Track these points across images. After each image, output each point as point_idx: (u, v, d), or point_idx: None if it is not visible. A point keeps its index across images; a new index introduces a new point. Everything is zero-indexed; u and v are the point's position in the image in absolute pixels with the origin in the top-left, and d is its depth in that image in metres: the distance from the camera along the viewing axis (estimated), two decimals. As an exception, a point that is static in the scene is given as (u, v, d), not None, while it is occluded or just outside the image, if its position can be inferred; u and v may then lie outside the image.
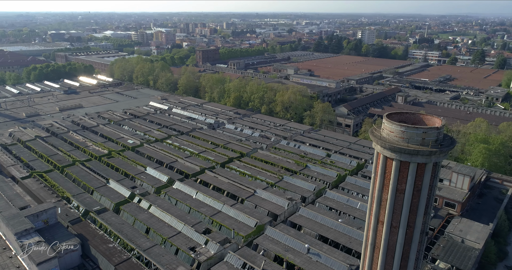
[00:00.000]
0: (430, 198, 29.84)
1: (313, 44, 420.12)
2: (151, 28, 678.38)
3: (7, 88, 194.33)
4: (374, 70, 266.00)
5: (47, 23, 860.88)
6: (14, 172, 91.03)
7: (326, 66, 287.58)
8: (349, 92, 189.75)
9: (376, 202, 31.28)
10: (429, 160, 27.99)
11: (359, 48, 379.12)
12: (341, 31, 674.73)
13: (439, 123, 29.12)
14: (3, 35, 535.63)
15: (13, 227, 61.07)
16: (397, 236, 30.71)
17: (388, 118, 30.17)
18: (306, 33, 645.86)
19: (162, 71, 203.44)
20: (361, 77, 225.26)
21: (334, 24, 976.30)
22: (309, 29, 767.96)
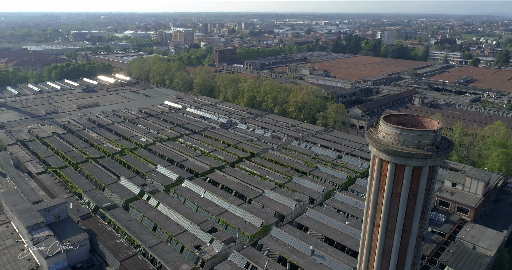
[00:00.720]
0: (427, 202, 29.14)
1: (330, 45, 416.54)
2: (171, 28, 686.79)
3: (29, 86, 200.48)
4: (392, 71, 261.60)
5: (71, 23, 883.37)
6: (30, 167, 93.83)
7: (343, 66, 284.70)
8: (365, 93, 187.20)
9: (372, 205, 30.75)
10: (425, 164, 27.31)
11: (378, 49, 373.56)
12: (360, 32, 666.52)
13: (437, 126, 28.39)
14: (29, 35, 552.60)
15: (25, 221, 62.99)
16: (392, 240, 30.10)
17: (386, 120, 29.64)
18: (325, 34, 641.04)
19: (178, 70, 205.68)
20: (378, 78, 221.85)
21: (353, 25, 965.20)
22: (328, 29, 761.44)
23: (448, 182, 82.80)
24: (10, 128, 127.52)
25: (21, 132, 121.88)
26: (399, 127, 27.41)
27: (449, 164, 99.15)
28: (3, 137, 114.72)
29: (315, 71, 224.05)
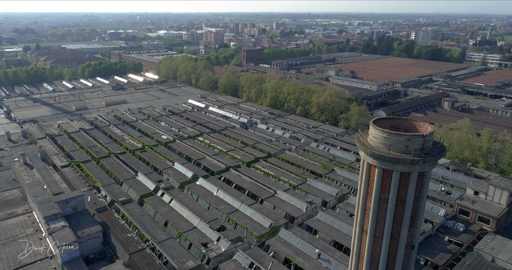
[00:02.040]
0: (416, 210, 27.96)
1: (361, 45, 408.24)
2: (203, 28, 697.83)
3: (63, 83, 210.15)
4: (423, 73, 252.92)
5: (108, 23, 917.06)
6: (56, 160, 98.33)
7: (372, 68, 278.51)
8: (392, 96, 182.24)
9: (361, 211, 29.89)
10: (413, 170, 26.21)
11: (411, 50, 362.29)
12: (394, 32, 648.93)
13: (429, 131, 27.16)
14: (68, 34, 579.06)
15: (43, 211, 66.12)
16: (380, 247, 29.12)
17: (378, 123, 28.75)
18: (357, 34, 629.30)
19: (204, 70, 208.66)
20: (408, 80, 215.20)
21: (388, 25, 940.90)
22: (361, 29, 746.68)
23: (470, 190, 79.09)
24: (42, 123, 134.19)
25: (51, 127, 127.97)
26: (386, 131, 26.47)
27: (474, 171, 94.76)
28: (35, 131, 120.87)
29: (342, 72, 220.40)
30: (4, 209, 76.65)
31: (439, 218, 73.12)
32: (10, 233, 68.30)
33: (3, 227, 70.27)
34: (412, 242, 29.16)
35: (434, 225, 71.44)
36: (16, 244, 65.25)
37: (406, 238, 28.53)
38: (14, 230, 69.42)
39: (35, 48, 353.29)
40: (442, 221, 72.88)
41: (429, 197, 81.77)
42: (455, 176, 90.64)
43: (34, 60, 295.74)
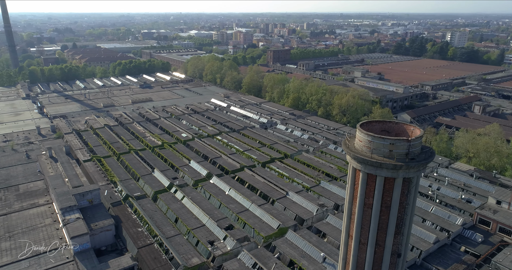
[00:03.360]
0: (403, 217, 26.95)
1: (393, 46, 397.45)
2: (233, 28, 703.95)
3: (94, 80, 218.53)
4: (456, 76, 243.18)
5: (143, 23, 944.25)
6: (79, 155, 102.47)
7: (402, 69, 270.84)
8: (420, 99, 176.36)
9: (347, 215, 29.19)
10: (396, 175, 25.28)
11: (445, 52, 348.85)
12: (429, 33, 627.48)
13: (416, 135, 26.10)
14: (104, 34, 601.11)
15: (60, 203, 69.11)
16: (365, 254, 28.32)
17: (366, 126, 27.99)
18: (389, 35, 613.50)
19: (229, 69, 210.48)
20: (438, 83, 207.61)
21: (423, 25, 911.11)
22: (394, 30, 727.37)
23: (492, 199, 75.31)
24: (71, 118, 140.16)
25: (78, 123, 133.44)
26: (370, 134, 25.70)
27: (500, 179, 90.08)
28: (63, 126, 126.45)
29: (368, 74, 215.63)
30: (27, 199, 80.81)
31: (456, 227, 70.13)
32: (30, 222, 71.92)
33: (25, 216, 74.11)
34: (398, 250, 28.14)
35: (450, 234, 68.64)
36: (34, 233, 68.65)
37: (392, 246, 27.59)
38: (34, 219, 73.02)
39: (72, 47, 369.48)
40: (459, 230, 69.86)
41: (448, 205, 78.63)
42: (478, 183, 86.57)
43: (70, 58, 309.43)
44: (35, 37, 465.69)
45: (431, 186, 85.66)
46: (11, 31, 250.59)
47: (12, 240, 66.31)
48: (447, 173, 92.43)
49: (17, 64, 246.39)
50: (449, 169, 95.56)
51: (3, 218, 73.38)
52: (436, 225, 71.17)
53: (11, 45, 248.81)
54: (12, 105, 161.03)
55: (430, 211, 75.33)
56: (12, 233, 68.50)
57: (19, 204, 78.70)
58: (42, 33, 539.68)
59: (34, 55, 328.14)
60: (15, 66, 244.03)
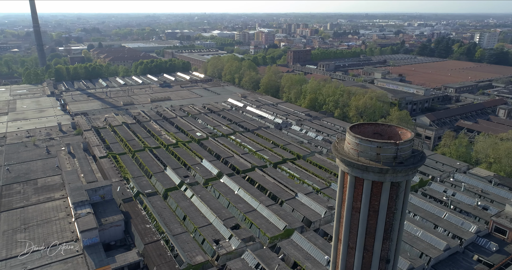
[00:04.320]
0: (391, 222, 26.24)
1: (417, 47, 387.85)
2: (256, 29, 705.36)
3: (116, 79, 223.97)
4: (483, 78, 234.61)
5: (167, 23, 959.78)
6: (96, 151, 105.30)
7: (425, 71, 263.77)
8: (442, 101, 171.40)
9: (336, 219, 28.72)
10: (383, 179, 24.64)
11: (472, 53, 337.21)
12: (457, 34, 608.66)
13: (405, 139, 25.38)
14: (129, 33, 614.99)
15: (73, 198, 71.27)
16: (354, 258, 27.77)
17: (357, 128, 27.47)
18: (415, 35, 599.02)
19: (248, 69, 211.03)
20: (463, 85, 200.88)
21: (452, 26, 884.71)
22: (420, 31, 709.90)
23: (510, 206, 72.35)
24: (91, 116, 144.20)
25: (98, 120, 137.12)
26: (357, 137, 25.19)
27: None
28: (83, 123, 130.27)
29: (389, 75, 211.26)
30: (44, 193, 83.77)
31: (469, 234, 67.78)
32: (45, 215, 74.56)
33: (40, 209, 76.90)
34: (387, 256, 27.44)
35: (462, 242, 66.46)
36: (48, 226, 71.10)
37: (380, 251, 26.95)
38: (49, 213, 75.64)
39: (97, 46, 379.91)
40: (472, 238, 67.49)
41: (462, 211, 76.09)
42: (496, 190, 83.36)
43: (95, 57, 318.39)
44: (63, 37, 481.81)
45: (446, 192, 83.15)
46: (39, 30, 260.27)
47: (27, 232, 68.93)
48: (464, 179, 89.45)
49: (45, 63, 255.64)
50: (467, 175, 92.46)
51: (20, 210, 76.42)
52: (448, 232, 69.04)
53: (39, 44, 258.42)
54: (37, 102, 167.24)
55: (443, 217, 73.12)
56: (27, 225, 71.23)
57: (36, 198, 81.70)
58: (71, 33, 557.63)
59: (62, 54, 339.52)
60: (42, 64, 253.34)
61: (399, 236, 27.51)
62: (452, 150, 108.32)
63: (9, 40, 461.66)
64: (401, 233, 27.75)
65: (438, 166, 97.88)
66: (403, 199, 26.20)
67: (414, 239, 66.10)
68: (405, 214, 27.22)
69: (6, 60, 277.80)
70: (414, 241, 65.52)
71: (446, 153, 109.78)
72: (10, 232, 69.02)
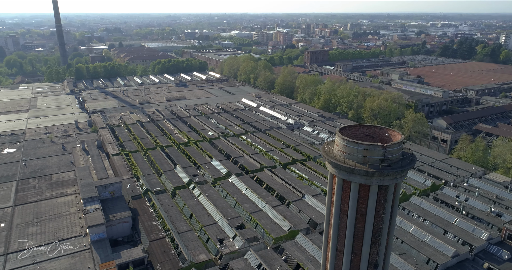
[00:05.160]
0: (380, 226, 25.71)
1: (439, 48, 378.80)
2: (275, 29, 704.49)
3: (134, 78, 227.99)
4: (507, 80, 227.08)
5: (187, 23, 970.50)
6: (109, 149, 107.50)
7: (446, 73, 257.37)
8: (461, 104, 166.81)
9: (326, 221, 28.36)
10: (370, 182, 24.15)
11: (496, 54, 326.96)
12: (482, 34, 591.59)
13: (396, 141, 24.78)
14: (150, 33, 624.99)
15: (83, 194, 73.02)
16: (342, 262, 27.36)
17: (348, 130, 27.07)
18: (438, 36, 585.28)
19: (263, 69, 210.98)
20: (484, 88, 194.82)
21: (477, 26, 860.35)
22: (444, 31, 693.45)
23: (525, 214, 69.77)
24: (108, 114, 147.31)
25: (113, 118, 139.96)
26: (345, 138, 24.80)
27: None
28: (99, 121, 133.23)
29: (407, 76, 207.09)
30: (58, 188, 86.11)
31: (480, 241, 65.73)
32: (57, 210, 76.62)
33: (53, 204, 79.09)
34: (375, 261, 26.92)
35: (473, 249, 64.49)
36: (59, 220, 73.05)
37: (369, 255, 26.46)
38: (61, 208, 77.69)
39: (118, 46, 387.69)
40: (483, 245, 65.42)
41: (475, 217, 73.87)
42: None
43: (115, 57, 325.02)
44: (86, 37, 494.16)
45: (458, 197, 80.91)
46: (61, 30, 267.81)
47: (38, 226, 71.03)
48: (479, 184, 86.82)
49: (66, 62, 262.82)
50: (482, 180, 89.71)
51: (33, 204, 78.81)
52: (458, 238, 67.14)
53: (61, 43, 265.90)
54: (57, 100, 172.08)
55: (454, 223, 71.19)
56: (39, 219, 73.39)
57: (49, 193, 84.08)
58: (93, 33, 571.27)
59: (84, 53, 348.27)
60: (64, 63, 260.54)
61: (388, 240, 26.96)
62: (468, 154, 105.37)
63: (34, 40, 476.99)
64: (391, 237, 27.18)
65: (452, 171, 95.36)
66: (392, 203, 25.65)
67: (422, 244, 64.64)
68: (395, 218, 26.65)
69: (30, 59, 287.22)
70: (422, 246, 64.07)
71: (462, 157, 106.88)
72: (23, 225, 71.27)
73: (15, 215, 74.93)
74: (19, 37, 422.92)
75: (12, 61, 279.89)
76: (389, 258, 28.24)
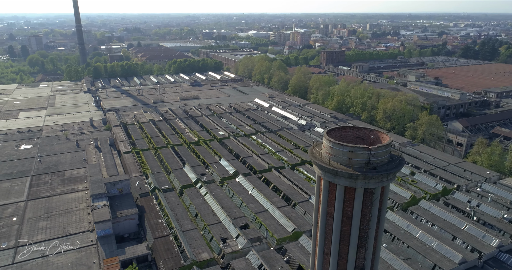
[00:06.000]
0: (366, 229, 25.24)
1: (460, 49, 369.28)
2: (292, 29, 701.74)
3: (150, 77, 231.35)
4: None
5: (206, 23, 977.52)
6: (121, 146, 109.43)
7: (466, 74, 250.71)
8: (480, 106, 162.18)
9: (314, 223, 28.04)
10: (355, 185, 23.73)
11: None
12: (507, 35, 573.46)
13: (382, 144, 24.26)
14: (168, 33, 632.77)
15: (92, 190, 74.60)
16: (329, 265, 27.01)
17: (337, 131, 26.72)
18: (460, 37, 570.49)
19: (277, 70, 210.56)
20: (506, 90, 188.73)
21: (502, 27, 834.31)
22: (466, 31, 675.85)
23: (539, 221, 67.30)
24: (122, 112, 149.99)
25: (127, 116, 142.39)
26: (331, 140, 24.46)
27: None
28: (113, 119, 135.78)
29: (424, 78, 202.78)
30: (69, 184, 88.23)
31: (490, 248, 63.81)
32: (67, 206, 78.51)
33: (64, 200, 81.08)
34: (362, 265, 26.45)
35: (481, 256, 62.66)
36: (68, 215, 74.82)
37: (355, 259, 26.03)
38: (71, 203, 79.56)
39: (136, 46, 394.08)
40: (493, 253, 63.49)
41: (486, 224, 71.75)
42: (527, 203, 77.76)
43: (133, 56, 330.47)
44: (106, 36, 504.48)
45: (470, 202, 78.71)
46: (81, 30, 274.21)
47: (48, 220, 72.95)
48: (492, 189, 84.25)
49: (85, 61, 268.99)
50: (497, 185, 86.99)
51: (45, 200, 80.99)
52: (467, 244, 65.35)
53: (81, 43, 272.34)
54: (74, 98, 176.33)
55: (463, 228, 69.33)
56: (50, 214, 75.36)
57: (61, 188, 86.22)
58: (113, 33, 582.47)
59: (103, 52, 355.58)
60: (83, 62, 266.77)
61: (376, 245, 26.45)
62: (483, 158, 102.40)
63: (57, 39, 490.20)
64: (379, 242, 26.66)
65: (465, 175, 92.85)
66: (379, 207, 25.17)
67: (428, 249, 63.21)
68: (383, 222, 26.14)
69: (51, 58, 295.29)
70: (428, 251, 62.66)
71: (477, 161, 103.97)
72: (34, 219, 73.33)
73: (28, 209, 77.16)
74: (42, 37, 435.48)
75: (34, 60, 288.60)
76: (378, 262, 27.72)
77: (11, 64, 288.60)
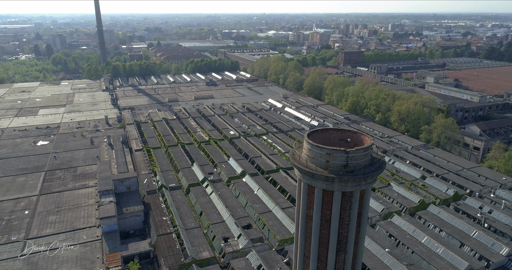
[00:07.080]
0: (345, 233, 24.75)
1: (484, 50, 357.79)
2: (312, 29, 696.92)
3: (167, 76, 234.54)
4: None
5: (226, 23, 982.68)
6: (133, 144, 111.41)
7: (489, 76, 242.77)
8: (501, 109, 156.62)
9: (296, 226, 27.76)
10: (332, 187, 23.31)
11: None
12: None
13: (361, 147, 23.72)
14: (189, 33, 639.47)
15: (100, 186, 76.24)
16: (309, 268, 26.65)
17: (320, 133, 26.37)
18: (485, 37, 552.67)
19: (293, 70, 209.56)
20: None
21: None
22: (493, 32, 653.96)
23: (553, 230, 64.49)
24: (137, 111, 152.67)
25: (141, 115, 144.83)
26: (309, 142, 24.15)
27: None
28: (127, 118, 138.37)
29: (443, 79, 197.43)
30: (80, 180, 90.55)
31: (499, 256, 61.64)
32: (77, 201, 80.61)
33: (74, 195, 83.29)
34: (341, 269, 25.98)
35: (489, 264, 60.60)
36: (77, 211, 76.79)
37: (335, 263, 25.61)
38: (80, 199, 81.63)
39: (156, 45, 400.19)
40: (502, 261, 61.33)
41: (497, 231, 69.30)
42: (543, 211, 74.64)
43: (153, 55, 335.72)
44: (128, 36, 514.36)
45: (481, 208, 76.20)
46: (102, 30, 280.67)
47: (58, 215, 75.07)
48: (506, 196, 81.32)
49: (105, 60, 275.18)
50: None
51: (57, 194, 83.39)
52: (475, 252, 63.31)
53: (101, 42, 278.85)
54: (92, 96, 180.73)
55: (472, 235, 67.21)
56: (60, 208, 77.57)
57: (72, 184, 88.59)
58: (135, 32, 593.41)
59: (124, 51, 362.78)
60: (103, 61, 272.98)
61: (357, 249, 25.94)
62: (500, 163, 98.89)
63: (80, 38, 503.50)
64: (361, 246, 26.13)
65: (479, 180, 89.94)
66: (359, 210, 24.68)
67: (434, 256, 61.60)
68: (365, 226, 25.61)
69: (74, 56, 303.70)
70: (433, 258, 61.06)
71: (493, 166, 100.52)
72: (44, 213, 75.62)
73: (39, 203, 79.64)
74: (66, 36, 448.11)
75: (58, 58, 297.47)
76: (359, 267, 27.18)
77: (36, 63, 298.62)
